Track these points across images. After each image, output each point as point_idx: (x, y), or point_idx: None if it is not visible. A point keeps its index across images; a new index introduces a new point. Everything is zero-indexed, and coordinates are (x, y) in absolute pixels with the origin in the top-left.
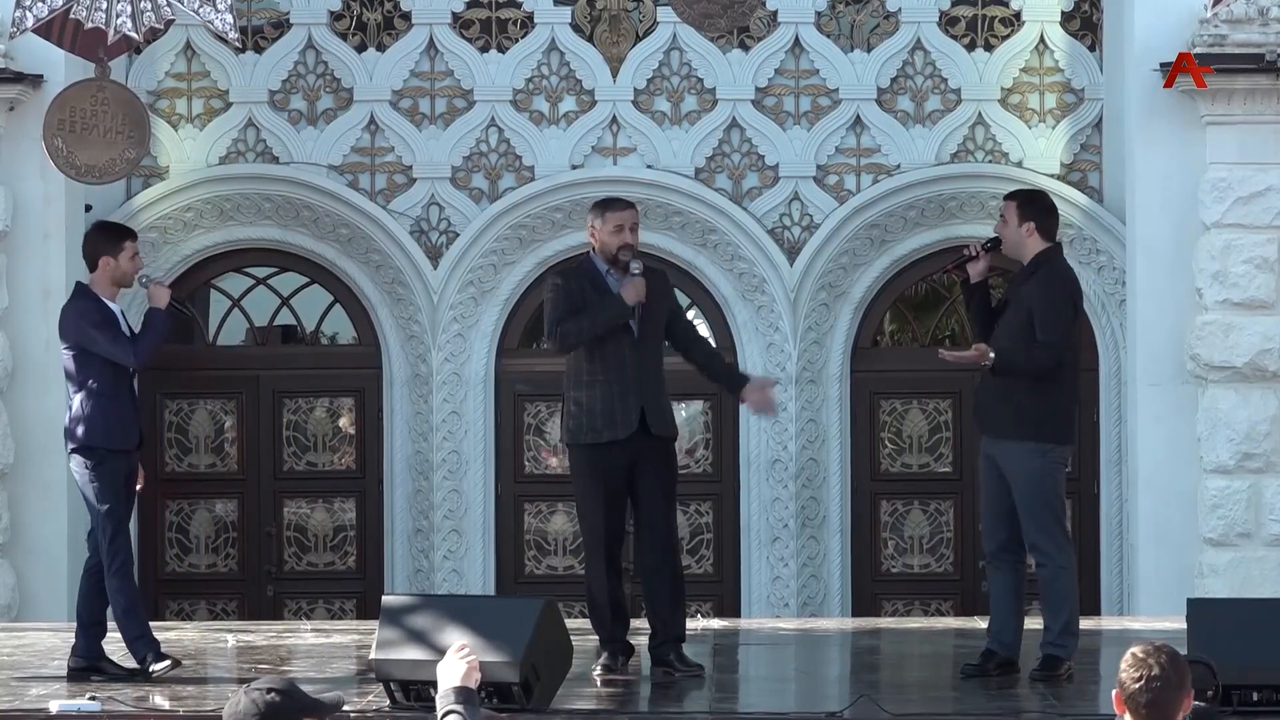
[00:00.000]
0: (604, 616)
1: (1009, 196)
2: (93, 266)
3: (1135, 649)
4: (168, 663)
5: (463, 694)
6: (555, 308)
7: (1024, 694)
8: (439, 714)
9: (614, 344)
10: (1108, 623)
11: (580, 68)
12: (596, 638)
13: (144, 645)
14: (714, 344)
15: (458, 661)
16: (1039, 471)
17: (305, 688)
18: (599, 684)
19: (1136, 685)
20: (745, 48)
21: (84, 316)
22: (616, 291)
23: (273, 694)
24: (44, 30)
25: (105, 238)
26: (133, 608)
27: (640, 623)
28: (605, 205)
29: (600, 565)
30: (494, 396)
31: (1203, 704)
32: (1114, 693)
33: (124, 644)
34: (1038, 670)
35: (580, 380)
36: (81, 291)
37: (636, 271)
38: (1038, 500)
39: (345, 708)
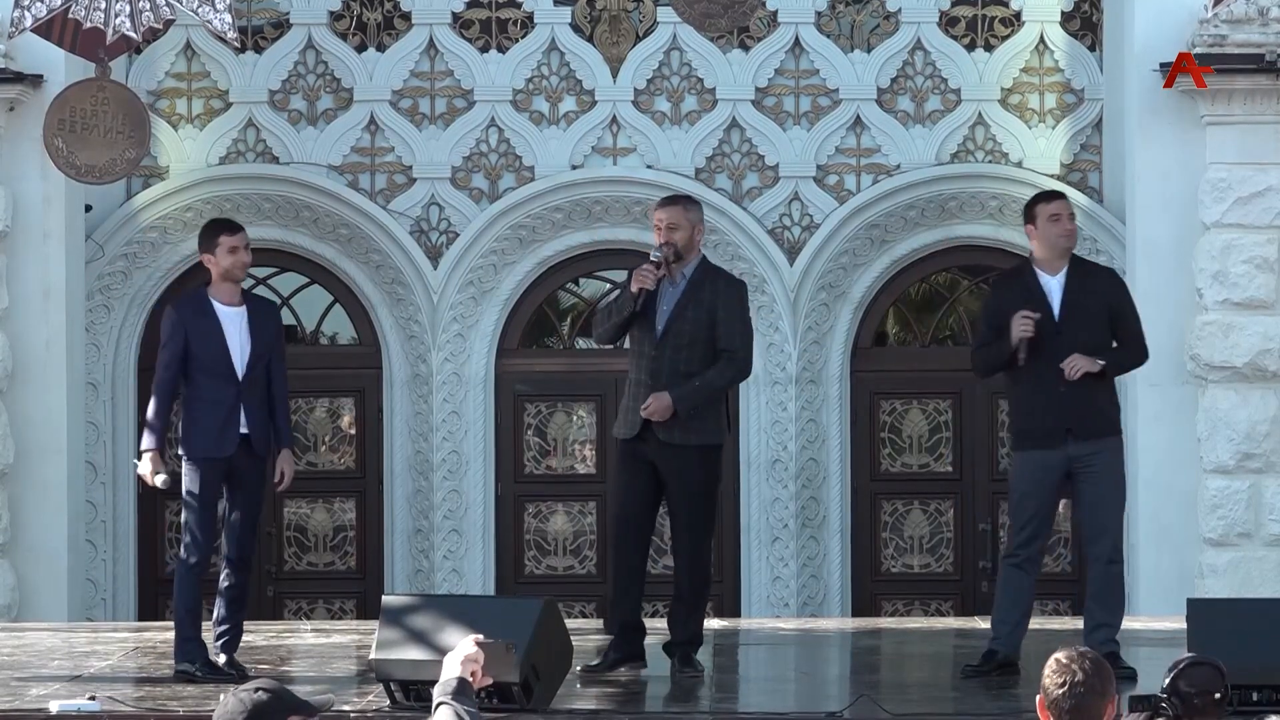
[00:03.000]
0: (610, 605)
1: (1062, 195)
2: (207, 268)
3: (1058, 654)
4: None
5: (459, 686)
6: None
7: (1024, 694)
8: (433, 704)
9: (638, 344)
10: None
11: (580, 68)
12: (601, 635)
13: (194, 649)
14: (731, 365)
15: (464, 655)
16: (1123, 466)
17: (304, 688)
18: (578, 681)
19: (1060, 691)
20: (745, 48)
21: (165, 328)
22: (660, 297)
23: (260, 693)
24: (44, 30)
25: (204, 236)
26: (190, 612)
27: (650, 623)
28: (657, 203)
29: (611, 550)
30: (494, 396)
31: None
32: (1038, 698)
33: (173, 642)
34: (1121, 669)
35: (627, 377)
36: (187, 298)
37: (654, 258)
38: (1121, 498)
39: (345, 708)
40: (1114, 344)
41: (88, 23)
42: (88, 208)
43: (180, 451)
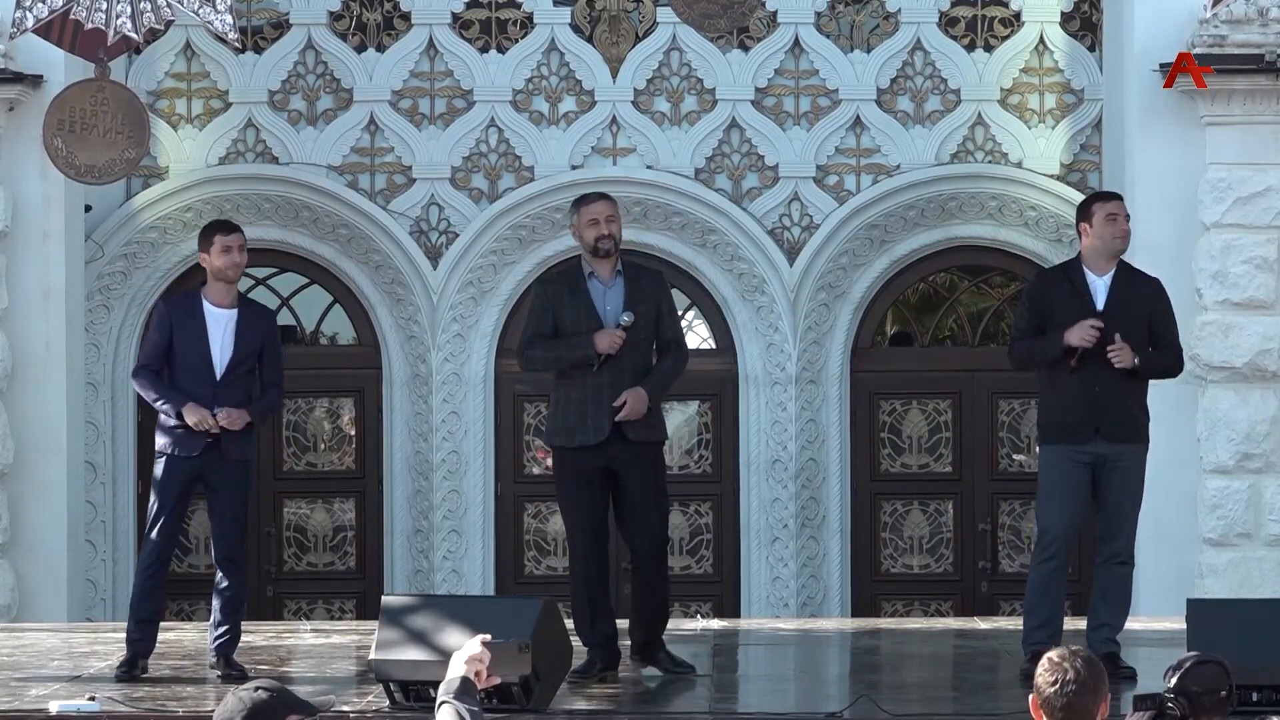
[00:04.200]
0: (582, 616)
1: (1118, 196)
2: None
3: (1050, 653)
4: (128, 676)
5: (462, 685)
6: (528, 323)
7: (1025, 693)
8: (436, 703)
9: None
10: None
11: (580, 68)
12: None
13: (127, 644)
14: (680, 356)
15: (470, 656)
16: (1144, 473)
17: (304, 688)
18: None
19: (1052, 690)
20: (745, 48)
21: (152, 320)
22: (596, 298)
23: (260, 691)
24: (44, 31)
25: (202, 235)
26: (132, 605)
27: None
28: (579, 201)
29: (580, 564)
30: (494, 396)
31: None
32: (1031, 697)
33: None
34: (1121, 668)
35: (561, 382)
36: (181, 295)
37: (625, 323)
38: (1139, 503)
39: (345, 708)
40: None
41: (89, 23)
42: (88, 208)
43: (156, 445)
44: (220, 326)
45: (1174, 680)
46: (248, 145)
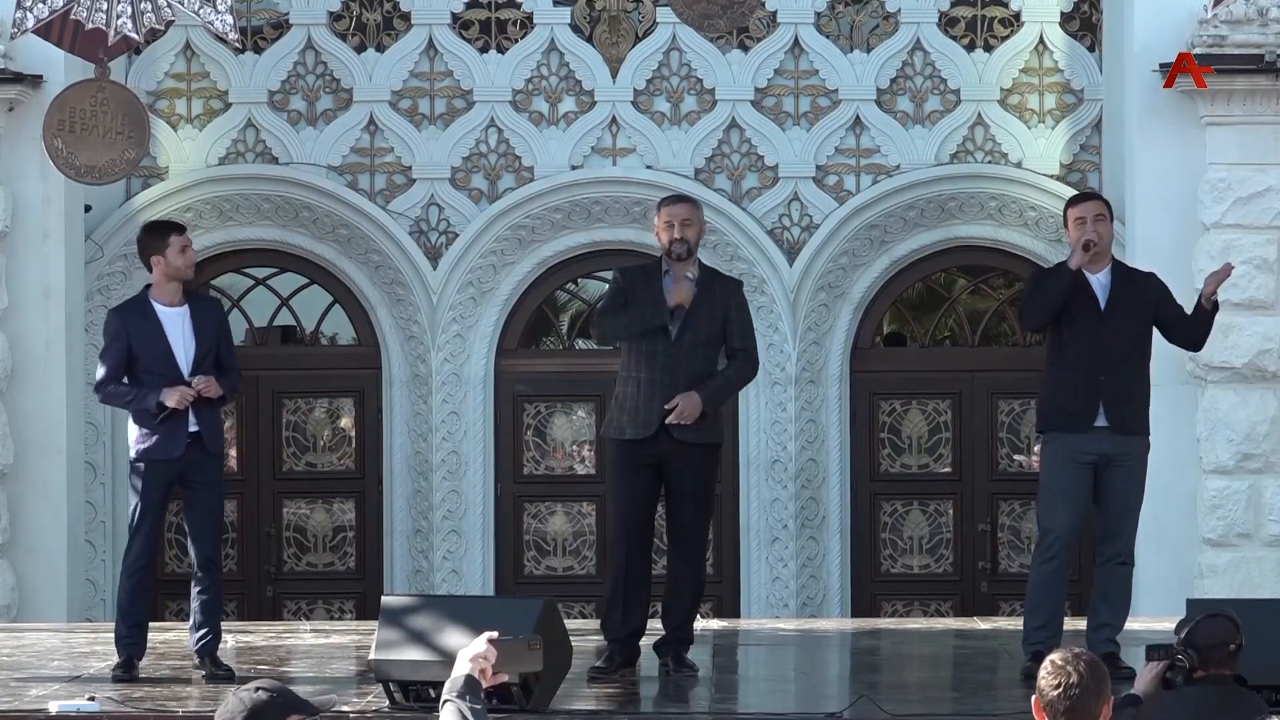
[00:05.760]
0: (612, 608)
1: (1094, 197)
2: (149, 269)
3: (1053, 655)
4: (126, 677)
5: (466, 683)
6: (604, 301)
7: (1025, 693)
8: (441, 701)
9: (649, 343)
10: None
11: (580, 68)
12: (600, 636)
13: (120, 647)
14: (747, 365)
15: (475, 654)
16: (1146, 469)
17: (304, 689)
18: (585, 682)
19: (1055, 693)
20: (745, 48)
21: (106, 332)
22: (668, 294)
23: (260, 691)
24: (44, 31)
25: (151, 237)
26: (122, 609)
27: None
28: (662, 202)
29: (620, 559)
30: (493, 397)
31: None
32: (1033, 699)
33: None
34: (1121, 669)
35: (621, 375)
36: (129, 302)
37: (690, 277)
38: (1140, 503)
39: (345, 708)
40: (1158, 339)
41: (89, 24)
42: (87, 208)
43: (132, 451)
44: (178, 326)
45: (1184, 634)
46: (248, 145)
